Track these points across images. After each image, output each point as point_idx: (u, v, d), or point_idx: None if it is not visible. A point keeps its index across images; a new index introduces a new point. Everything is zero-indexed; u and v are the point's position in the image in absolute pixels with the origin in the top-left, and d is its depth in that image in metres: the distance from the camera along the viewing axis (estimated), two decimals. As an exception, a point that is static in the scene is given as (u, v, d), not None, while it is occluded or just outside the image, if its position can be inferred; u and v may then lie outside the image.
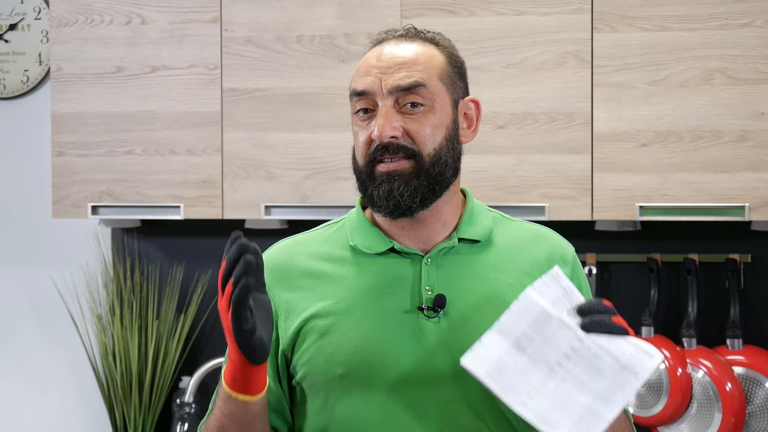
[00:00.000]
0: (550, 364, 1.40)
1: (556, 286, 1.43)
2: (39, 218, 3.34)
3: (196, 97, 2.90)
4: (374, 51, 1.62)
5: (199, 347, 3.25)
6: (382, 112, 1.56)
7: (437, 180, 1.58)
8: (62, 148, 2.98)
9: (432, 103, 1.58)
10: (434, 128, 1.57)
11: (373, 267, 1.60)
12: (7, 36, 3.40)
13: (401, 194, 1.55)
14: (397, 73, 1.57)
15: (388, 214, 1.57)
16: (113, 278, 3.24)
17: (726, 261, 2.93)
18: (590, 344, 1.40)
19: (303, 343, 1.58)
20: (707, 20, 2.65)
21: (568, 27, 2.71)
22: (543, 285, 1.43)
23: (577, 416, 1.38)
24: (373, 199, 1.57)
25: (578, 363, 1.39)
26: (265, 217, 2.86)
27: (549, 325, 1.41)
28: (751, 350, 2.89)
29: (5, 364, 3.42)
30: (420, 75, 1.57)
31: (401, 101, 1.57)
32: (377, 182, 1.56)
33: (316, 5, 2.84)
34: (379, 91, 1.57)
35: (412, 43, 1.61)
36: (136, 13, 2.95)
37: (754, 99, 2.63)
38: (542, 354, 1.40)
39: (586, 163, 2.70)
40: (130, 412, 3.14)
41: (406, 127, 1.56)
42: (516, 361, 1.40)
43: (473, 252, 1.62)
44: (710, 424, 2.81)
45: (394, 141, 1.55)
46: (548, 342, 1.40)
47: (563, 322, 1.41)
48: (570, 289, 1.44)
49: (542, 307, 1.41)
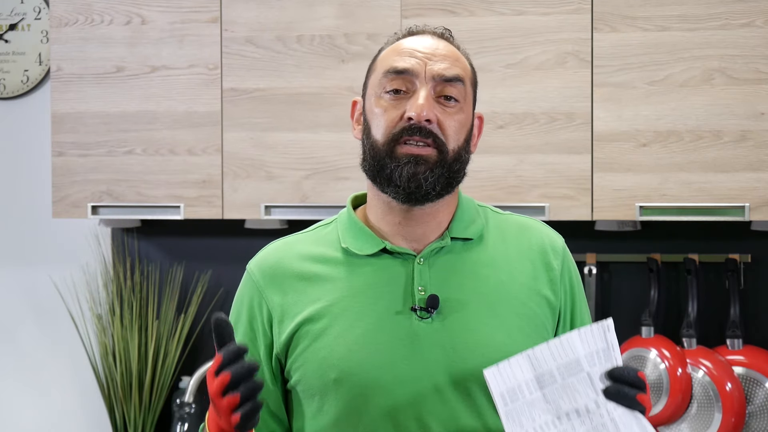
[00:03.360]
0: (559, 412, 1.41)
1: (601, 340, 1.44)
2: (39, 218, 3.34)
3: (196, 97, 2.90)
4: (413, 38, 1.62)
5: (199, 347, 3.25)
6: (422, 94, 1.55)
7: (455, 176, 1.58)
8: (62, 148, 2.98)
9: (463, 102, 1.59)
10: (461, 126, 1.58)
11: (366, 268, 1.59)
12: (7, 36, 3.40)
13: (426, 178, 1.54)
14: (441, 63, 1.57)
15: (405, 197, 1.55)
16: (113, 278, 3.24)
17: (726, 261, 2.93)
18: (604, 412, 1.41)
19: (296, 347, 1.57)
20: (707, 20, 2.65)
21: (568, 27, 2.71)
22: (589, 333, 1.44)
23: None
24: (391, 179, 1.55)
25: (585, 423, 1.41)
26: (265, 217, 2.86)
27: (576, 376, 1.42)
28: (751, 350, 2.89)
29: (5, 364, 3.42)
30: (461, 71, 1.59)
31: (439, 91, 1.57)
32: (400, 163, 1.54)
33: (316, 5, 2.84)
34: (422, 73, 1.56)
35: (449, 44, 1.63)
36: (136, 13, 2.95)
37: (754, 99, 2.63)
38: (557, 399, 1.41)
39: (586, 163, 2.70)
40: (130, 412, 3.14)
41: (440, 118, 1.56)
42: (531, 395, 1.41)
43: (465, 250, 1.61)
44: (710, 424, 2.81)
45: (427, 125, 1.54)
46: (568, 391, 1.41)
47: (591, 379, 1.42)
48: (614, 346, 1.44)
49: (578, 356, 1.42)
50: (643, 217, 2.68)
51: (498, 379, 1.41)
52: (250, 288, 1.64)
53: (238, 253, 1.77)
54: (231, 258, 3.21)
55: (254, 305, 1.62)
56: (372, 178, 1.59)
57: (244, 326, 1.63)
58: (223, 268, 3.24)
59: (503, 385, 1.41)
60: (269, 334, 1.60)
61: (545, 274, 1.62)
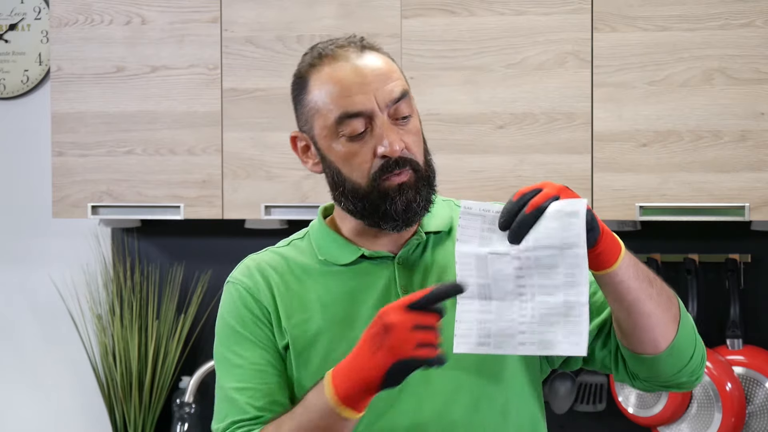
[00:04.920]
0: (514, 293, 1.41)
1: (473, 220, 1.42)
2: (39, 218, 3.34)
3: (196, 97, 2.90)
4: (344, 67, 1.54)
5: (199, 347, 3.25)
6: (387, 126, 1.52)
7: (433, 185, 1.57)
8: (62, 148, 2.98)
9: (413, 111, 1.56)
10: (418, 135, 1.56)
11: (346, 276, 1.58)
12: (7, 36, 3.40)
13: (418, 204, 1.53)
14: (385, 86, 1.53)
15: (401, 227, 1.55)
16: (113, 278, 3.24)
17: (726, 261, 2.93)
18: (526, 252, 1.39)
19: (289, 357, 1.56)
20: (707, 20, 2.65)
21: (568, 27, 2.71)
22: (463, 230, 1.42)
23: (563, 318, 1.39)
24: (387, 215, 1.53)
25: (531, 275, 1.39)
26: (265, 217, 2.86)
27: (488, 264, 1.41)
28: (751, 350, 2.89)
29: (5, 364, 3.42)
30: (402, 83, 1.56)
31: (393, 114, 1.53)
32: (392, 198, 1.52)
33: (316, 5, 2.84)
34: (374, 106, 1.52)
35: (372, 53, 1.57)
36: (136, 13, 2.95)
37: (754, 99, 2.63)
38: (503, 290, 1.41)
39: (586, 163, 2.70)
40: (130, 412, 3.14)
41: (403, 140, 1.53)
42: (491, 312, 1.41)
43: (439, 244, 1.61)
44: (710, 424, 2.81)
45: (405, 154, 1.53)
46: (499, 277, 1.41)
47: (495, 252, 1.41)
48: (485, 210, 1.42)
49: (474, 254, 1.41)
50: (643, 217, 2.68)
51: (466, 341, 1.42)
52: (241, 293, 1.60)
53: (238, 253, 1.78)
54: (231, 258, 3.17)
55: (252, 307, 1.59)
56: (362, 217, 1.57)
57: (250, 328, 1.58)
58: (223, 268, 3.22)
59: (473, 336, 1.41)
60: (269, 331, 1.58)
61: None
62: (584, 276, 1.38)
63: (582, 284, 1.38)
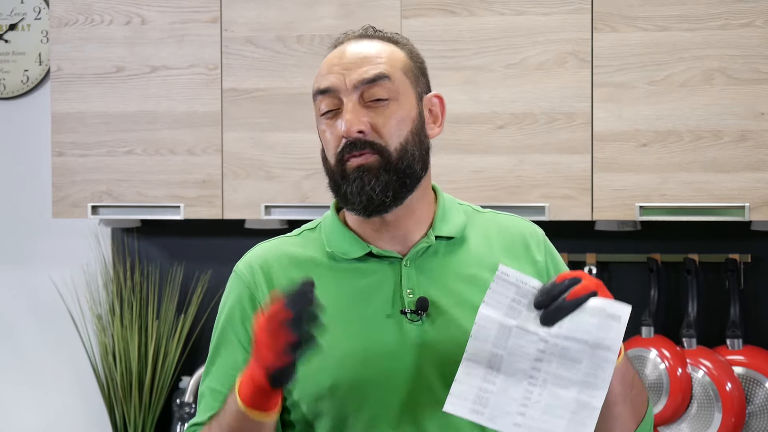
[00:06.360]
0: (526, 373, 1.38)
1: (507, 288, 1.40)
2: (39, 218, 3.34)
3: (196, 97, 2.90)
4: (335, 51, 1.60)
5: (199, 347, 3.25)
6: (348, 108, 1.53)
7: (407, 174, 1.55)
8: (62, 148, 2.98)
9: (396, 96, 1.56)
10: (400, 122, 1.55)
11: (353, 273, 1.58)
12: (7, 36, 3.40)
13: (373, 188, 1.52)
14: (360, 68, 1.55)
15: (362, 211, 1.54)
16: (113, 278, 3.24)
17: (726, 261, 2.93)
18: (555, 339, 1.38)
19: None
20: (707, 20, 2.65)
21: (568, 27, 2.71)
22: (493, 294, 1.40)
23: (569, 414, 1.37)
24: (347, 198, 1.54)
25: (551, 361, 1.38)
26: (265, 217, 2.86)
27: (511, 336, 1.39)
28: (751, 350, 2.89)
29: (5, 364, 3.42)
30: (384, 67, 1.56)
31: (366, 96, 1.54)
32: (350, 179, 1.53)
33: (316, 5, 2.85)
34: (343, 87, 1.54)
35: (372, 41, 1.60)
36: (136, 13, 2.95)
37: (754, 99, 2.63)
38: (515, 366, 1.38)
39: (586, 163, 2.70)
40: (130, 412, 3.14)
41: (373, 122, 1.53)
42: (495, 384, 1.39)
43: (450, 249, 1.60)
44: (710, 424, 2.81)
45: (361, 137, 1.53)
46: (516, 353, 1.38)
47: (522, 328, 1.39)
48: (521, 281, 1.40)
49: (498, 321, 1.39)
50: (643, 217, 2.68)
51: (459, 402, 1.39)
52: (240, 287, 1.62)
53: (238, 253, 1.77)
54: (231, 258, 3.17)
55: (246, 305, 1.60)
56: (336, 198, 1.59)
57: (236, 327, 1.60)
58: (223, 268, 3.24)
59: (468, 401, 1.38)
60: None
61: (530, 267, 1.61)
62: (606, 381, 1.37)
63: (601, 388, 1.37)
